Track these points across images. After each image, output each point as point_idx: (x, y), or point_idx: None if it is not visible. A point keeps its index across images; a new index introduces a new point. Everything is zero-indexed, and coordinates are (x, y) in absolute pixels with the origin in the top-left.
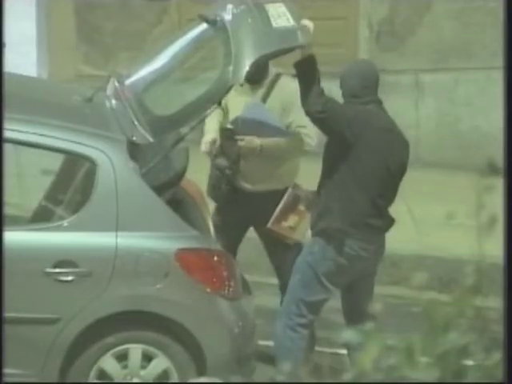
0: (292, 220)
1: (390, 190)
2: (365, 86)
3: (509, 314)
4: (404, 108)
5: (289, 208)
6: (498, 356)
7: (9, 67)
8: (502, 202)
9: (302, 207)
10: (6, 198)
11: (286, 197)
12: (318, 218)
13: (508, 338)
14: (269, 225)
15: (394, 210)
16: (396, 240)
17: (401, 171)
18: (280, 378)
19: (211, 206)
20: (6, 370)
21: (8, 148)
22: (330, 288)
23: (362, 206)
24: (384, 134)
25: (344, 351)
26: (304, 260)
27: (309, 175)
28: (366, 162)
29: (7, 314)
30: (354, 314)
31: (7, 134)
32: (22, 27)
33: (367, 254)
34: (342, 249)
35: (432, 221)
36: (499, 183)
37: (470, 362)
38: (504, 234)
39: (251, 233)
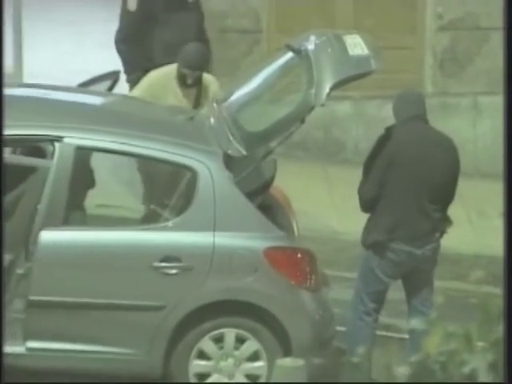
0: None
1: (439, 195)
2: (405, 107)
3: (509, 315)
4: (463, 126)
5: None
6: None
7: (124, 90)
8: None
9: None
10: (121, 202)
11: None
12: (367, 231)
13: (508, 338)
14: None
15: (455, 214)
16: (455, 241)
17: (447, 177)
18: (355, 360)
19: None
20: (117, 349)
21: (121, 160)
22: (384, 280)
23: (408, 214)
24: (418, 149)
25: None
26: (363, 260)
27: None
28: (407, 175)
29: (120, 301)
30: (413, 301)
31: (124, 147)
32: None
33: (416, 251)
34: (388, 254)
35: (488, 223)
36: None
37: None
38: (504, 234)
39: (326, 234)
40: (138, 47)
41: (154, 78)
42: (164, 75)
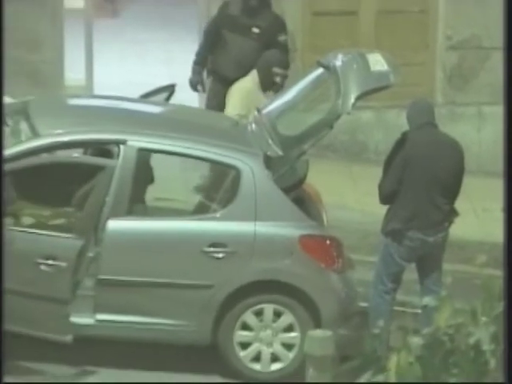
0: None
1: (448, 190)
2: (417, 114)
3: (509, 316)
4: (469, 132)
5: None
6: None
7: (180, 101)
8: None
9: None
10: (176, 195)
11: None
12: (386, 220)
13: (508, 338)
14: None
15: (461, 207)
16: (462, 230)
17: (454, 174)
18: (375, 331)
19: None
20: (173, 321)
21: (176, 160)
22: (401, 263)
23: (421, 207)
24: (429, 150)
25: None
26: (383, 246)
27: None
28: (420, 173)
29: (175, 281)
30: (425, 281)
31: (179, 149)
32: (185, 74)
33: (428, 238)
34: (404, 241)
35: (491, 214)
36: None
37: None
38: (504, 234)
39: (351, 224)
40: (208, 52)
41: (247, 89)
42: (252, 84)
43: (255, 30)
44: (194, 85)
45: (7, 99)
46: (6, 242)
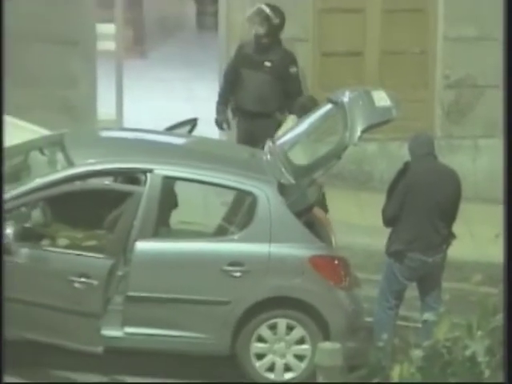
0: None
1: (446, 215)
2: (418, 146)
3: (509, 316)
4: (465, 162)
5: None
6: None
7: (202, 134)
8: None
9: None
10: (197, 219)
11: None
12: (389, 242)
13: (508, 338)
14: None
15: (459, 230)
16: (459, 251)
17: (452, 200)
18: (380, 344)
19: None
20: (195, 334)
21: (198, 187)
22: (403, 281)
23: (422, 230)
24: (429, 179)
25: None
26: (387, 265)
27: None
28: (420, 199)
29: (197, 297)
30: (426, 298)
31: (201, 177)
32: (206, 110)
33: (428, 259)
34: (406, 261)
35: (485, 237)
36: None
37: None
38: (505, 241)
39: (357, 245)
40: (229, 91)
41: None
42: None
43: (267, 64)
44: (219, 123)
45: (43, 131)
46: (42, 261)
